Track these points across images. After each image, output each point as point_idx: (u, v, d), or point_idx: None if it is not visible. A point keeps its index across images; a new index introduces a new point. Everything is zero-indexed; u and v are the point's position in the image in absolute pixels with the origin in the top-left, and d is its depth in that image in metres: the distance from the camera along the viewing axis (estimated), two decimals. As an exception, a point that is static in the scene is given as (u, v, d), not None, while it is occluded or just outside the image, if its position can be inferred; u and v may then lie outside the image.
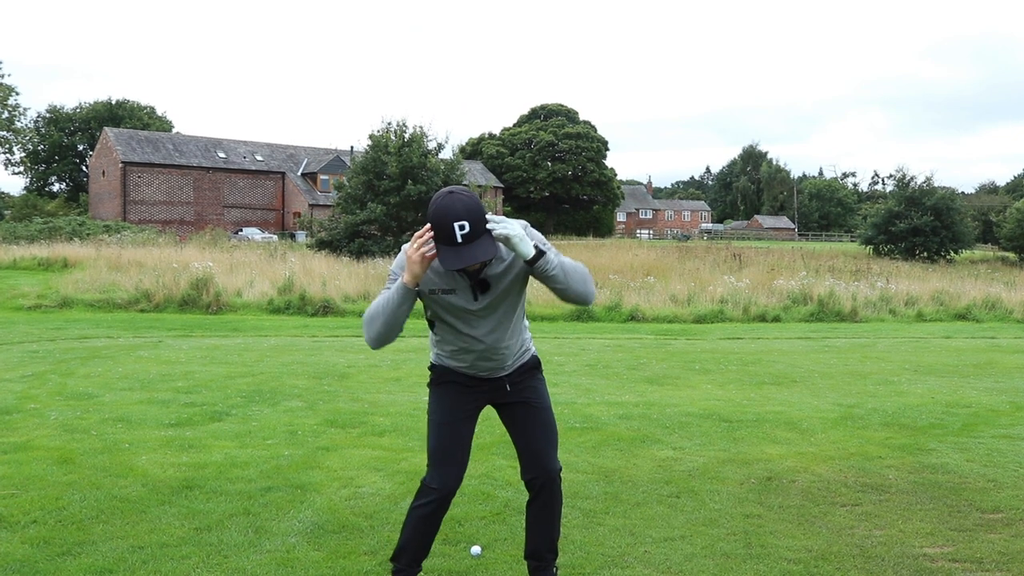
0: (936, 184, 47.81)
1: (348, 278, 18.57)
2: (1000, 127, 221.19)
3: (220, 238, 36.73)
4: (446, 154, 29.86)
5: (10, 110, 54.99)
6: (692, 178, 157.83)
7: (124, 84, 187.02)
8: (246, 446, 5.63)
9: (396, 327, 2.93)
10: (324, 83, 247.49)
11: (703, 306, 17.06)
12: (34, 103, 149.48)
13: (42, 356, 9.87)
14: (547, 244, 2.91)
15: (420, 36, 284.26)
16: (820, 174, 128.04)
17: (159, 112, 74.15)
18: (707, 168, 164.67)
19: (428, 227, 2.81)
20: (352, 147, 50.54)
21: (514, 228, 2.82)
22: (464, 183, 30.60)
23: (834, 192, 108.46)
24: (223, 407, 6.88)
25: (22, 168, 69.31)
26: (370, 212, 27.53)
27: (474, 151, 75.78)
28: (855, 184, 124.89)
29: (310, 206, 53.83)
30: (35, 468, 5.01)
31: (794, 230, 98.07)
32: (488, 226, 2.80)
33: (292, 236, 46.78)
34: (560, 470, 3.23)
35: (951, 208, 45.49)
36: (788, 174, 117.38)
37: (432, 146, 29.26)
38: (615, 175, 79.06)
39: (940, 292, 19.41)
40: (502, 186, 67.25)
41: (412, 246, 2.84)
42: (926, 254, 45.16)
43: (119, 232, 34.54)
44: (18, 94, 60.97)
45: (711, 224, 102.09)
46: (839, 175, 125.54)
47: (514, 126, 79.53)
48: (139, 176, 51.30)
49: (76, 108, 70.78)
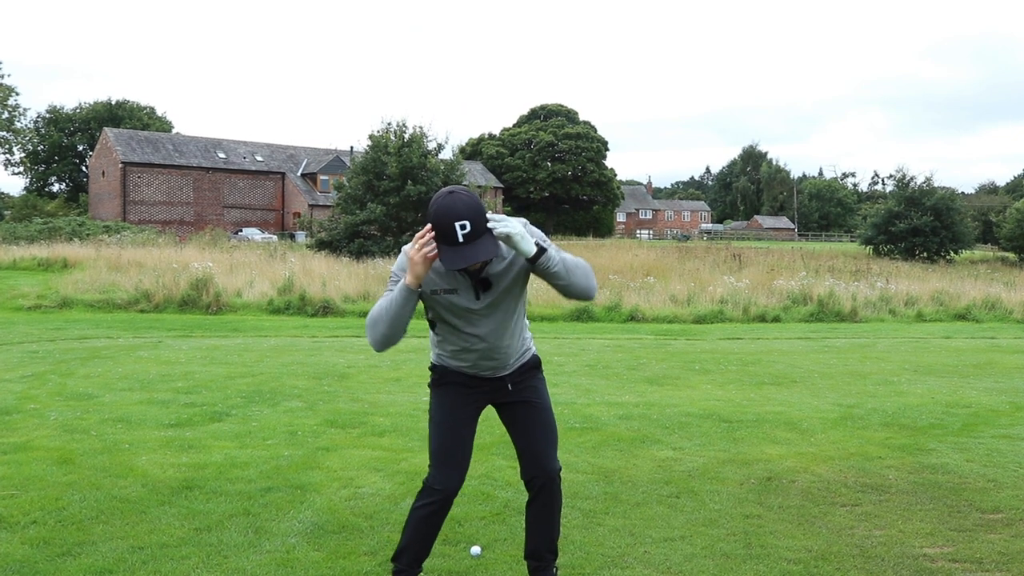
0: (936, 184, 47.92)
1: (348, 278, 18.58)
2: (1000, 127, 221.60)
3: (220, 238, 36.75)
4: (446, 154, 29.93)
5: (10, 110, 54.99)
6: (692, 178, 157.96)
7: (124, 84, 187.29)
8: (246, 446, 5.63)
9: (400, 329, 2.94)
10: (324, 83, 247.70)
11: (703, 306, 17.06)
12: (34, 103, 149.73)
13: (42, 356, 9.87)
14: (547, 241, 2.92)
15: (420, 36, 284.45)
16: (820, 174, 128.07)
17: (159, 112, 74.27)
18: (707, 168, 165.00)
19: (429, 227, 2.81)
20: (352, 147, 50.54)
21: (515, 226, 2.83)
22: (464, 183, 30.59)
23: (834, 192, 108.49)
24: (223, 407, 6.88)
25: (22, 168, 69.39)
26: (370, 212, 27.55)
27: (474, 151, 75.76)
28: (855, 184, 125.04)
29: (310, 206, 53.84)
30: (35, 468, 5.01)
31: (794, 230, 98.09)
32: (489, 225, 2.80)
33: (292, 236, 46.80)
34: (560, 470, 3.23)
35: (951, 208, 45.53)
36: (788, 174, 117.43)
37: (432, 146, 29.31)
38: (615, 175, 79.04)
39: (940, 292, 19.41)
40: (502, 186, 67.26)
41: (414, 247, 2.84)
42: (926, 254, 45.19)
43: (119, 232, 34.55)
44: (18, 94, 61.02)
45: (711, 224, 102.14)
46: (839, 175, 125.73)
47: (514, 126, 79.51)
48: (139, 176, 51.31)
49: (76, 108, 70.80)
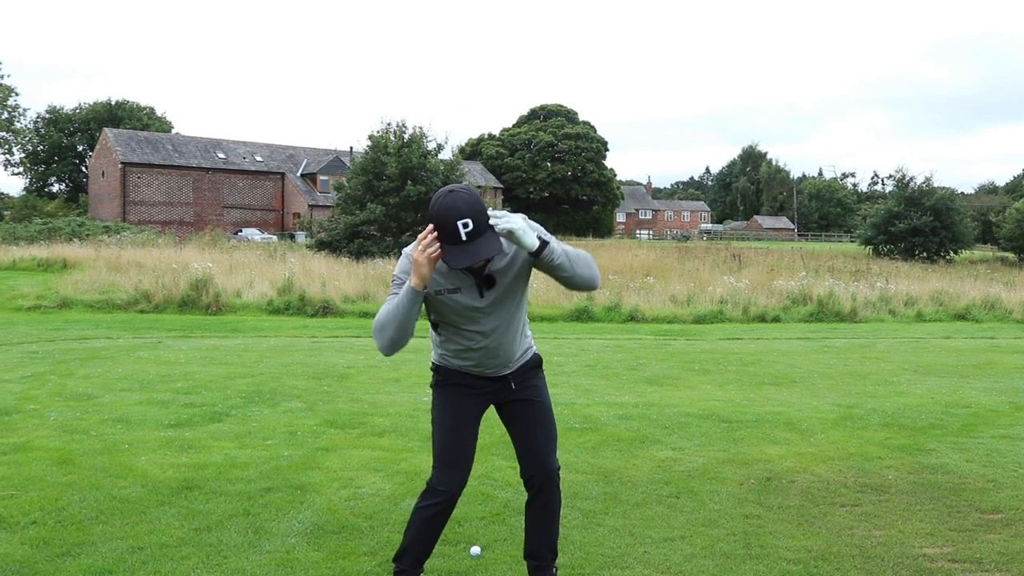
0: (936, 184, 47.92)
1: (348, 279, 18.58)
2: (1000, 127, 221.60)
3: (219, 239, 36.74)
4: (446, 155, 29.90)
5: (10, 111, 54.95)
6: (692, 178, 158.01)
7: (124, 84, 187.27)
8: (246, 447, 5.63)
9: (408, 332, 2.94)
10: (324, 83, 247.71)
11: (703, 306, 17.07)
12: (34, 103, 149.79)
13: (41, 357, 9.87)
14: (548, 234, 2.93)
15: (420, 36, 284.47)
16: (820, 174, 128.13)
17: (159, 113, 74.22)
18: (707, 168, 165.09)
19: (431, 228, 2.81)
20: (351, 148, 50.52)
21: (516, 221, 2.84)
22: (464, 184, 30.56)
23: (834, 192, 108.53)
24: (223, 408, 6.88)
25: (22, 169, 69.36)
26: (369, 213, 27.54)
27: (474, 152, 75.74)
28: (855, 184, 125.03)
29: (309, 207, 53.83)
30: (35, 469, 5.01)
31: (794, 230, 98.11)
32: (491, 221, 2.81)
33: (292, 237, 46.77)
34: (559, 469, 3.24)
35: (951, 208, 45.53)
36: (788, 174, 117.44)
37: (432, 147, 29.29)
38: (615, 175, 79.01)
39: (939, 292, 19.41)
40: (502, 187, 67.26)
41: (416, 248, 2.85)
42: (925, 254, 45.19)
43: (118, 233, 34.55)
44: (18, 95, 60.96)
45: (711, 224, 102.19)
46: (839, 175, 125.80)
47: (514, 126, 79.48)
48: (138, 177, 51.31)
49: (76, 109, 70.77)
